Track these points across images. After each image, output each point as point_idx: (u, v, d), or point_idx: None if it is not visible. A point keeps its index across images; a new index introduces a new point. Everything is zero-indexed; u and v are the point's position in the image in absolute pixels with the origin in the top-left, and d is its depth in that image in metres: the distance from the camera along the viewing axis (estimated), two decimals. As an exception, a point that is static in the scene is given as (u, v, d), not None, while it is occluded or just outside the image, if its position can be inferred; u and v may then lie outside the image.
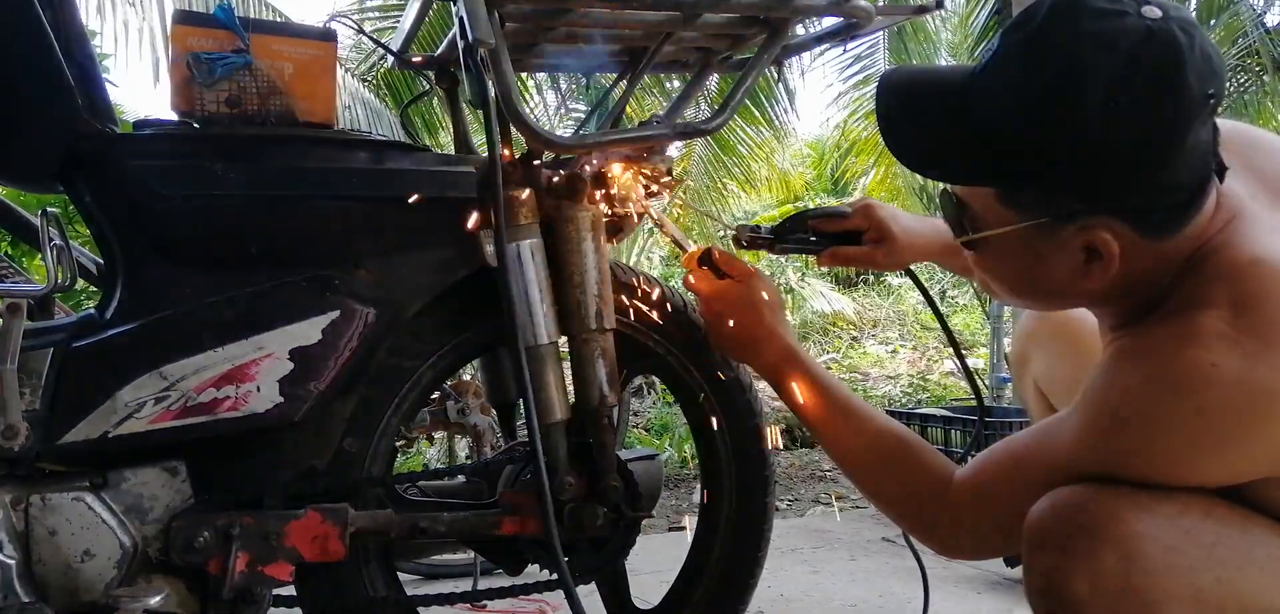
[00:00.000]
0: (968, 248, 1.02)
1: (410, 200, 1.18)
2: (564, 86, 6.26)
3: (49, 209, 1.16)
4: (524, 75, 3.83)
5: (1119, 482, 0.87)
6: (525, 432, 1.29)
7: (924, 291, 1.41)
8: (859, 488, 1.16)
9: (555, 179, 1.24)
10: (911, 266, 1.40)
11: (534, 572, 1.32)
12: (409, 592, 1.33)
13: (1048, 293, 1.00)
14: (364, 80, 6.00)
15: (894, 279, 10.18)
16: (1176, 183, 0.87)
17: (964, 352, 1.47)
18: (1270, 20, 6.72)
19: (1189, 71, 0.84)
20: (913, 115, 1.00)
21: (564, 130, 4.48)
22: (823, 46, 1.50)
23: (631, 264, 1.98)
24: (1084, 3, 0.87)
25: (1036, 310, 1.36)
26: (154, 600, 1.10)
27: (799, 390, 1.18)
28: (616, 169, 1.29)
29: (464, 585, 1.93)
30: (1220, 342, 0.83)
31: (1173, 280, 0.91)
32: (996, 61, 0.93)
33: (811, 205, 1.37)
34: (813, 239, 1.37)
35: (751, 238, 1.37)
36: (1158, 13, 0.85)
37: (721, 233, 7.43)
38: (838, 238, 1.36)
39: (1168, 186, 0.87)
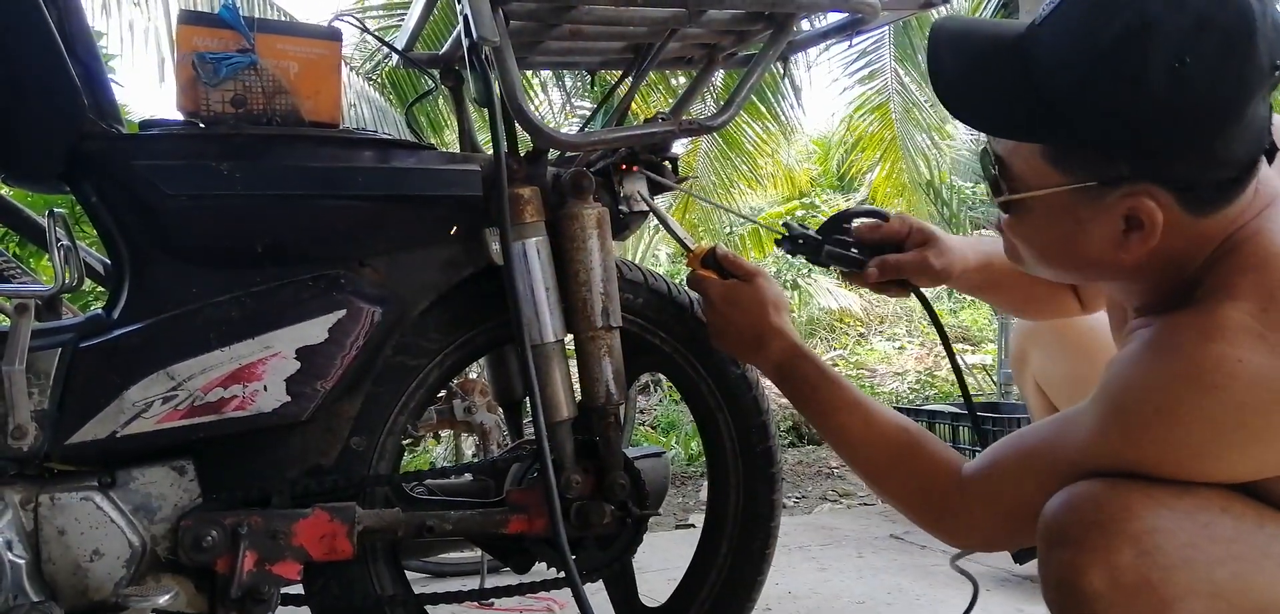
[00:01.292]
0: (1005, 209, 1.00)
1: (416, 198, 1.18)
2: (569, 84, 6.27)
3: (56, 209, 1.17)
4: (528, 72, 3.84)
5: (1136, 476, 0.86)
6: (532, 430, 1.29)
7: (922, 298, 1.38)
8: (867, 483, 1.16)
9: (561, 177, 1.24)
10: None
11: (541, 570, 1.32)
12: (416, 590, 1.33)
13: (1082, 262, 0.97)
14: (369, 78, 6.01)
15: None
16: (1229, 156, 0.85)
17: (972, 348, 1.45)
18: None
19: (1259, 39, 0.82)
20: (965, 64, 0.97)
21: (569, 128, 4.50)
22: (828, 42, 1.50)
23: (636, 261, 1.98)
24: None
25: (1067, 282, 1.31)
26: (163, 599, 1.11)
27: (804, 388, 1.17)
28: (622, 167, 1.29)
29: (471, 584, 1.94)
30: (1246, 336, 0.82)
31: (1204, 264, 0.90)
32: (1058, 14, 0.90)
33: (826, 205, 1.31)
34: (854, 252, 1.28)
35: (797, 236, 1.29)
36: None
37: (727, 229, 7.42)
38: (881, 249, 1.28)
39: (1221, 159, 0.85)
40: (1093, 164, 0.89)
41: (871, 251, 1.29)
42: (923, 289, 1.31)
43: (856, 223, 1.31)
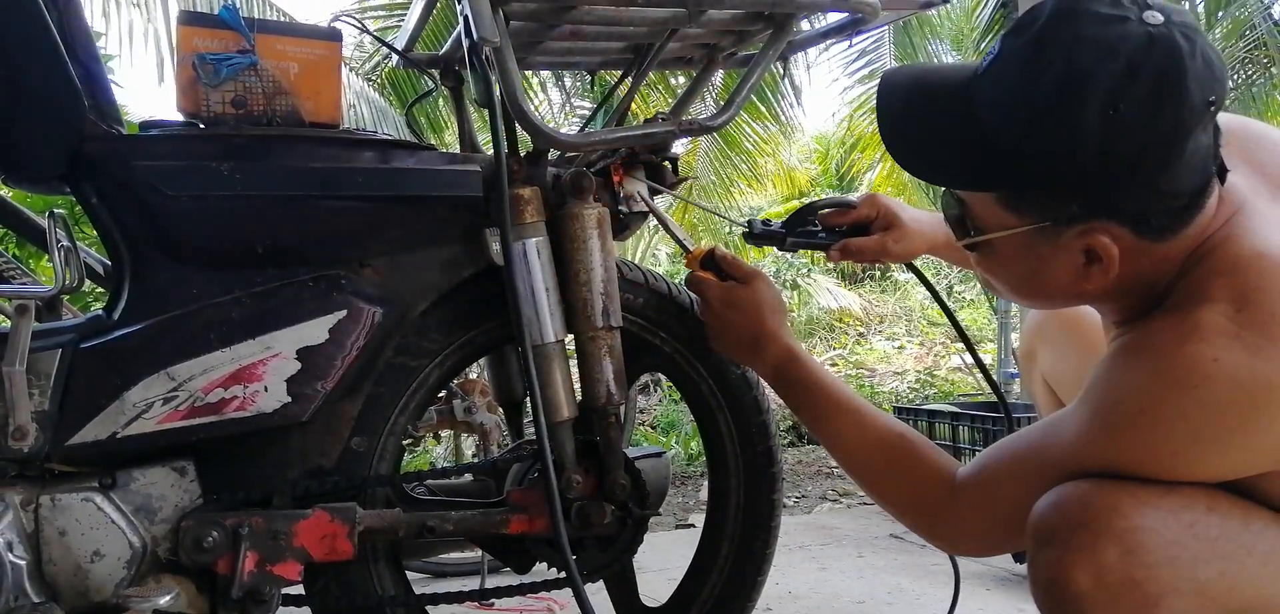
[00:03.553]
0: (969, 248, 1.03)
1: (416, 199, 1.18)
2: (568, 84, 6.27)
3: (56, 210, 1.17)
4: (528, 73, 3.84)
5: (1122, 477, 0.87)
6: (532, 430, 1.29)
7: (930, 288, 1.40)
8: (862, 488, 1.16)
9: (561, 177, 1.24)
10: (917, 263, 1.40)
11: (542, 570, 1.32)
12: (417, 590, 1.33)
13: (1049, 293, 1.01)
14: (368, 79, 6.01)
15: (900, 275, 10.16)
16: (1177, 188, 0.87)
17: (971, 347, 1.45)
18: (1278, 12, 6.67)
19: (1190, 79, 0.84)
20: (913, 120, 1.00)
21: (569, 128, 4.51)
22: (828, 42, 1.50)
23: (636, 262, 1.98)
24: (1085, 7, 0.87)
25: (1039, 308, 1.35)
26: (164, 600, 1.11)
27: (800, 391, 1.17)
28: (622, 167, 1.29)
29: (472, 584, 1.94)
30: (1221, 336, 0.83)
31: (1175, 276, 0.91)
32: (997, 66, 0.92)
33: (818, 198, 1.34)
34: (821, 234, 1.35)
35: (763, 233, 1.35)
36: (1159, 18, 0.85)
37: (727, 229, 7.43)
38: (847, 232, 1.35)
39: (1168, 192, 0.87)
40: (1044, 207, 0.92)
41: (839, 234, 1.34)
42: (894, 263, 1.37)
43: (824, 211, 1.36)
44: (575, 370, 1.24)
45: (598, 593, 1.27)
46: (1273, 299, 0.84)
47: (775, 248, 1.37)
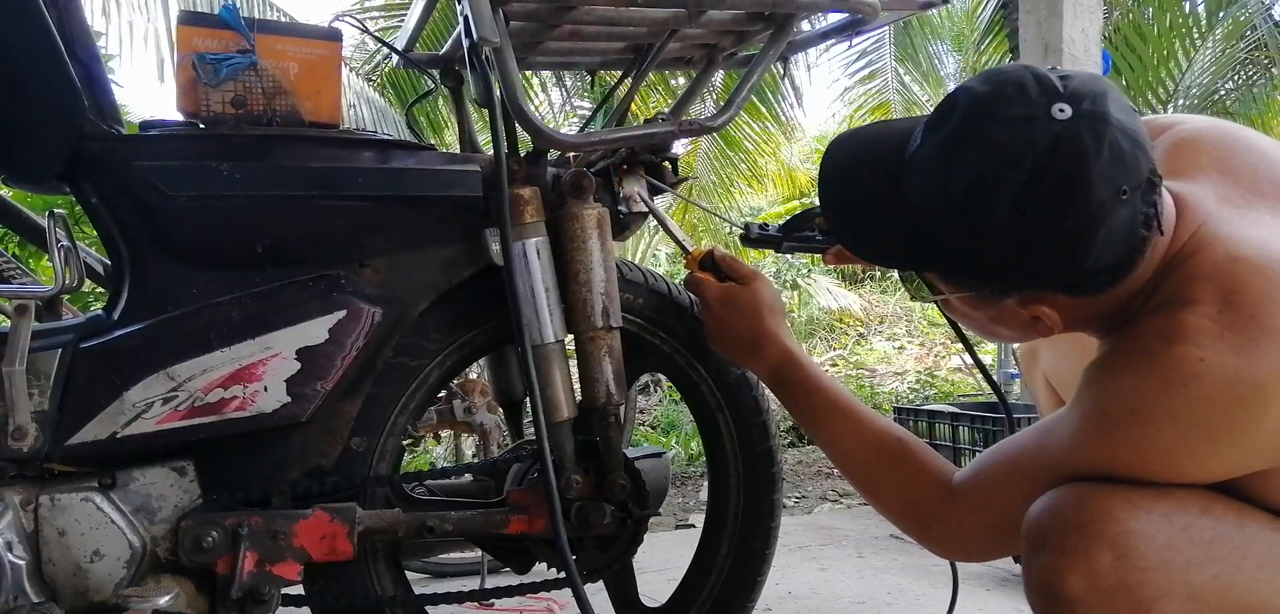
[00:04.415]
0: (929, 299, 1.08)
1: (416, 199, 1.18)
2: (568, 84, 6.28)
3: (56, 210, 1.17)
4: (528, 73, 3.84)
5: (1116, 480, 0.88)
6: (532, 430, 1.29)
7: (931, 289, 1.40)
8: (858, 490, 1.17)
9: (561, 177, 1.24)
10: None
11: (541, 570, 1.32)
12: (416, 591, 1.33)
13: (1011, 339, 1.07)
14: (368, 79, 6.01)
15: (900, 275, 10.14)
16: (1099, 265, 0.88)
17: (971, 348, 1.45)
18: (1278, 13, 6.67)
19: (1094, 178, 0.84)
20: (852, 202, 1.03)
21: (569, 128, 4.51)
22: (828, 42, 1.50)
23: (636, 262, 1.98)
24: (994, 109, 0.88)
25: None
26: (163, 600, 1.11)
27: (798, 393, 1.18)
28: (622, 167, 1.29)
29: (471, 584, 1.93)
30: (1206, 336, 0.84)
31: (1148, 291, 0.92)
32: (919, 157, 0.94)
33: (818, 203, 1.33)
34: (819, 237, 1.35)
35: (759, 236, 1.36)
36: (1067, 113, 0.86)
37: (727, 230, 7.43)
38: None
39: (1092, 269, 0.89)
40: (976, 285, 0.97)
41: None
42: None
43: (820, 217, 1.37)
44: (575, 370, 1.24)
45: (598, 593, 1.27)
46: (1253, 300, 0.84)
47: (772, 250, 1.38)
